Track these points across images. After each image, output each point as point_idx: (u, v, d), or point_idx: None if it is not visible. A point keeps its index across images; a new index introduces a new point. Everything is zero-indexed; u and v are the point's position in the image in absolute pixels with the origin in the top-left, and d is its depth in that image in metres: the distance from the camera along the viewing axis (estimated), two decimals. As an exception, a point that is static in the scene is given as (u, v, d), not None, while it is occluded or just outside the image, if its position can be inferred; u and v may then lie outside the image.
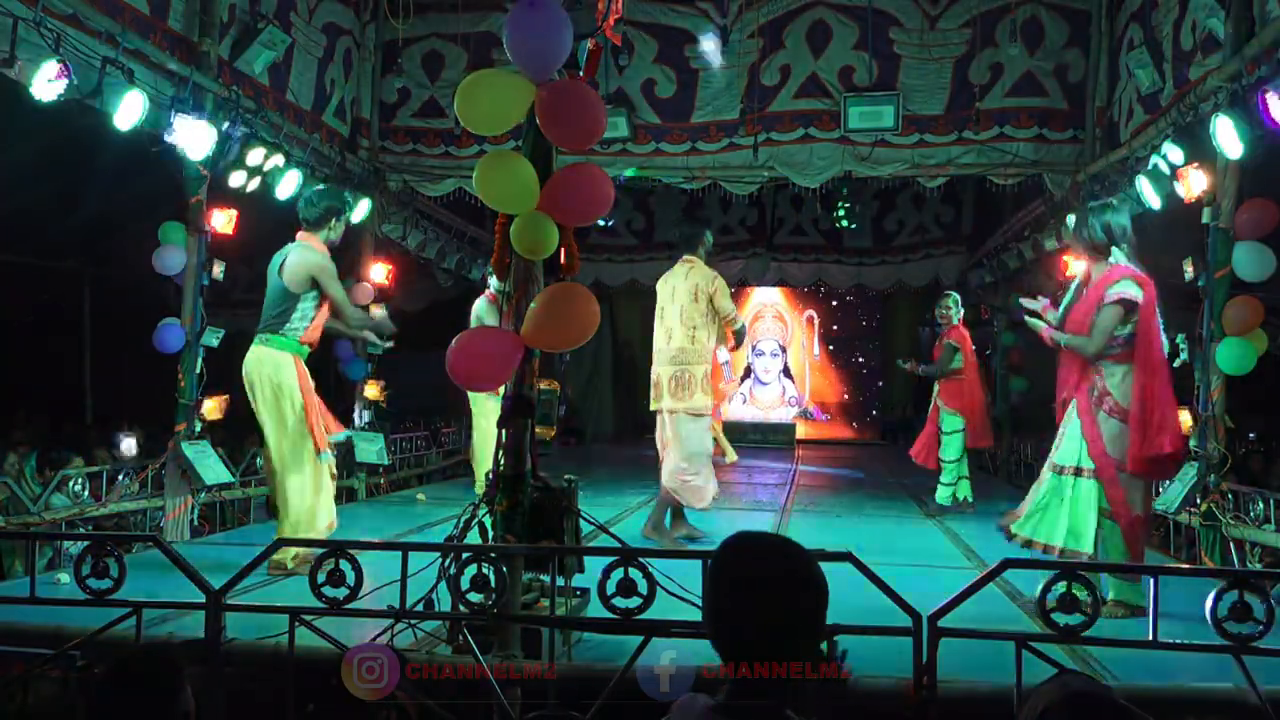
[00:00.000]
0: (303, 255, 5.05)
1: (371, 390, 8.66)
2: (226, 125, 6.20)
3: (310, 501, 5.01)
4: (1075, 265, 4.50)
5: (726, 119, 8.21)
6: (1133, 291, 4.24)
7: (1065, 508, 4.31)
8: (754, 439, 14.76)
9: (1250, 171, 5.45)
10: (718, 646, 1.64)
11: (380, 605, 2.93)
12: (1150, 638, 2.65)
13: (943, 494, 7.74)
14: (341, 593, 2.87)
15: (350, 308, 5.25)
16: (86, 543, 3.05)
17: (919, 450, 7.98)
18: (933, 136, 7.95)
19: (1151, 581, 2.69)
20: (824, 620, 1.64)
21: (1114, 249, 4.40)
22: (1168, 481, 6.18)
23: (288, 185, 6.91)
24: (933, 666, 2.64)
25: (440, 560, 3.08)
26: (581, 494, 3.64)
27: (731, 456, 7.45)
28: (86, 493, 5.97)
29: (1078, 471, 4.31)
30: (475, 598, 2.92)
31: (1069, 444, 4.37)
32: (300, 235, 5.17)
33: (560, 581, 3.30)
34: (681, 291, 5.95)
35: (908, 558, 5.66)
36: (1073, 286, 4.62)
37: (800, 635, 1.59)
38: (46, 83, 4.72)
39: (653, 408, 6.14)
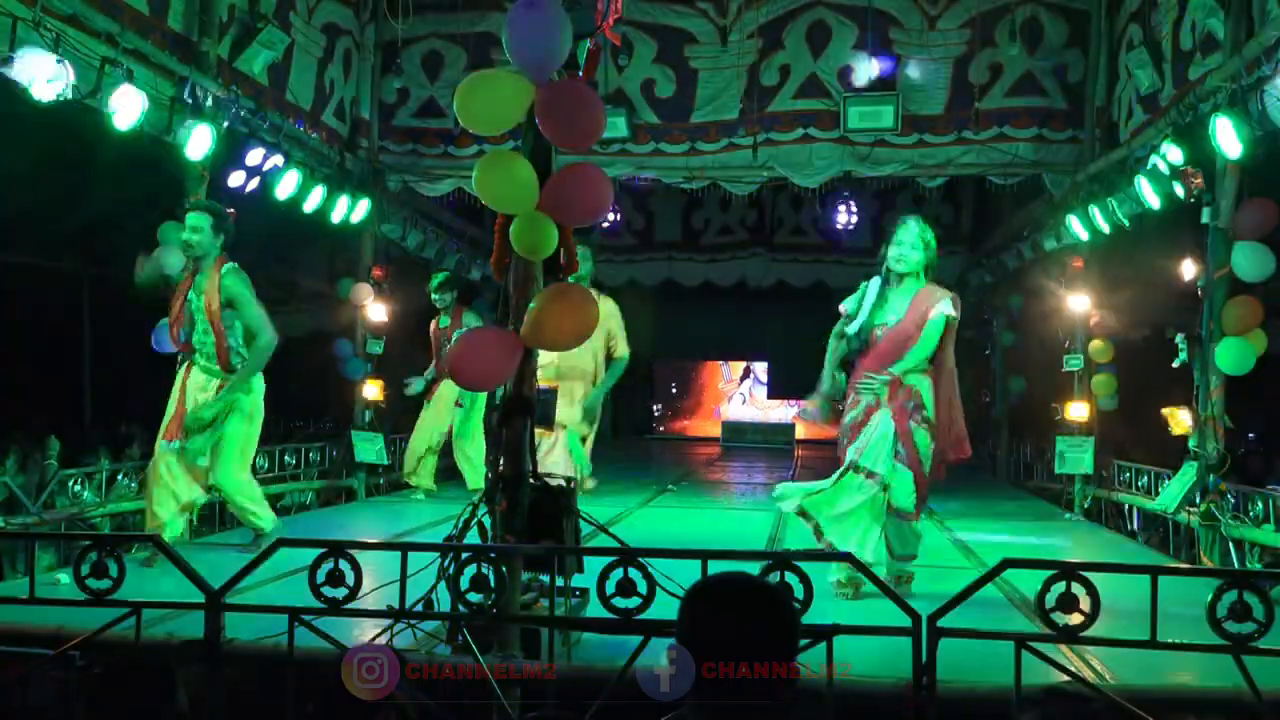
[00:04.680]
0: None
1: (371, 390, 8.67)
2: (226, 125, 6.20)
3: None
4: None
5: (726, 119, 8.20)
6: (954, 310, 4.61)
7: (855, 509, 4.55)
8: (753, 439, 14.76)
9: (1250, 171, 5.45)
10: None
11: (380, 605, 2.94)
12: (1149, 638, 2.65)
13: None
14: (341, 593, 2.87)
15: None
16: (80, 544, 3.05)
17: None
18: (932, 136, 7.95)
19: (1150, 580, 2.69)
20: (795, 640, 1.72)
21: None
22: (1167, 481, 6.20)
23: (287, 185, 6.91)
24: (932, 666, 2.64)
25: (439, 560, 3.08)
26: (580, 494, 3.64)
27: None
28: (87, 492, 5.96)
29: (870, 475, 4.55)
30: (475, 598, 2.92)
31: (876, 449, 4.57)
32: None
33: (560, 581, 3.30)
34: None
35: (907, 558, 5.65)
36: (872, 299, 4.71)
37: (771, 659, 1.65)
38: (46, 83, 4.71)
39: None
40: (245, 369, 5.32)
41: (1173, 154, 5.80)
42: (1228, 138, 5.20)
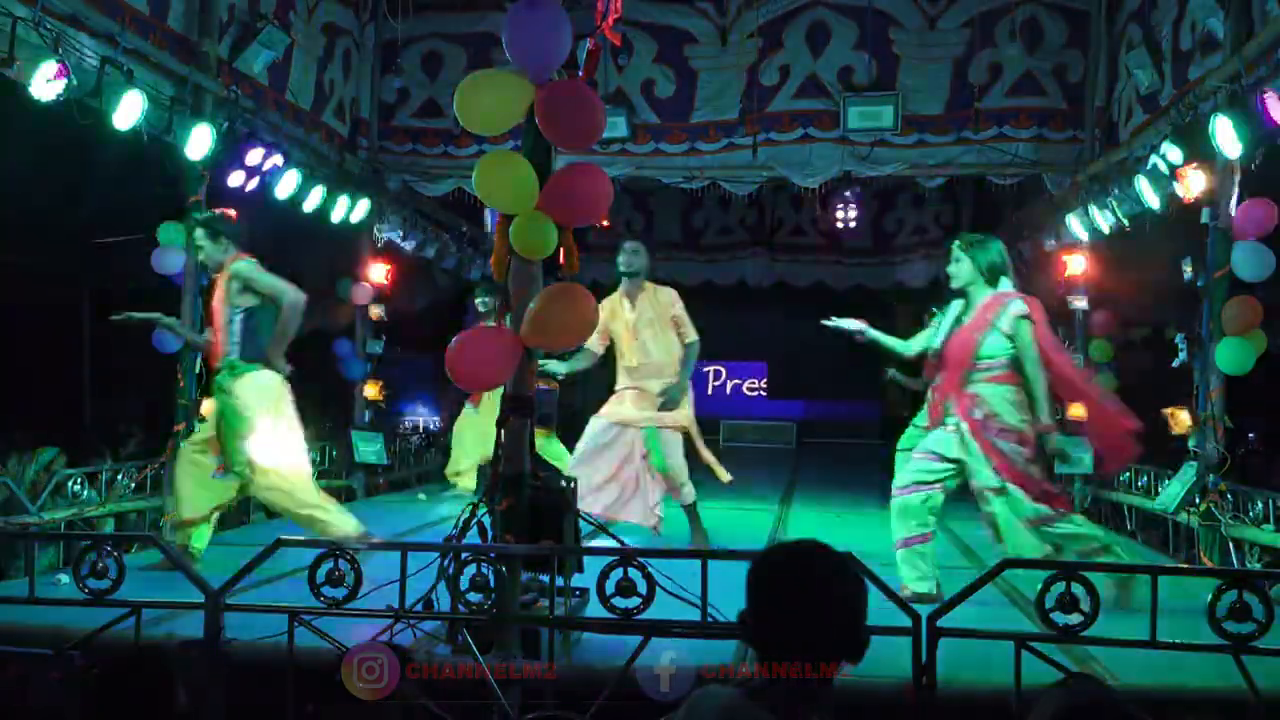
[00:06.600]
0: None
1: (370, 390, 8.67)
2: (226, 125, 6.21)
3: None
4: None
5: (726, 119, 8.20)
6: (1025, 307, 4.51)
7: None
8: (753, 438, 14.75)
9: (1250, 171, 5.45)
10: (757, 646, 1.67)
11: (380, 605, 2.94)
12: (1149, 638, 2.66)
13: None
14: (341, 593, 2.88)
15: None
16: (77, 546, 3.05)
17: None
18: (932, 136, 7.95)
19: (1151, 580, 2.69)
20: (864, 619, 1.68)
21: (1003, 277, 4.64)
22: (1167, 481, 6.20)
23: (287, 185, 6.91)
24: (932, 667, 2.65)
25: (439, 560, 3.09)
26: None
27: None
28: (87, 492, 5.96)
29: (998, 490, 4.44)
30: (475, 598, 2.92)
31: (978, 467, 4.48)
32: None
33: (560, 581, 3.30)
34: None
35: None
36: (949, 315, 4.78)
37: (842, 635, 1.63)
38: (46, 83, 4.72)
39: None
40: (275, 338, 5.06)
41: (1173, 154, 5.80)
42: (1227, 138, 5.20)
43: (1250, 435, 10.06)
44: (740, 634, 1.69)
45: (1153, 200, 6.24)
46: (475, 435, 8.02)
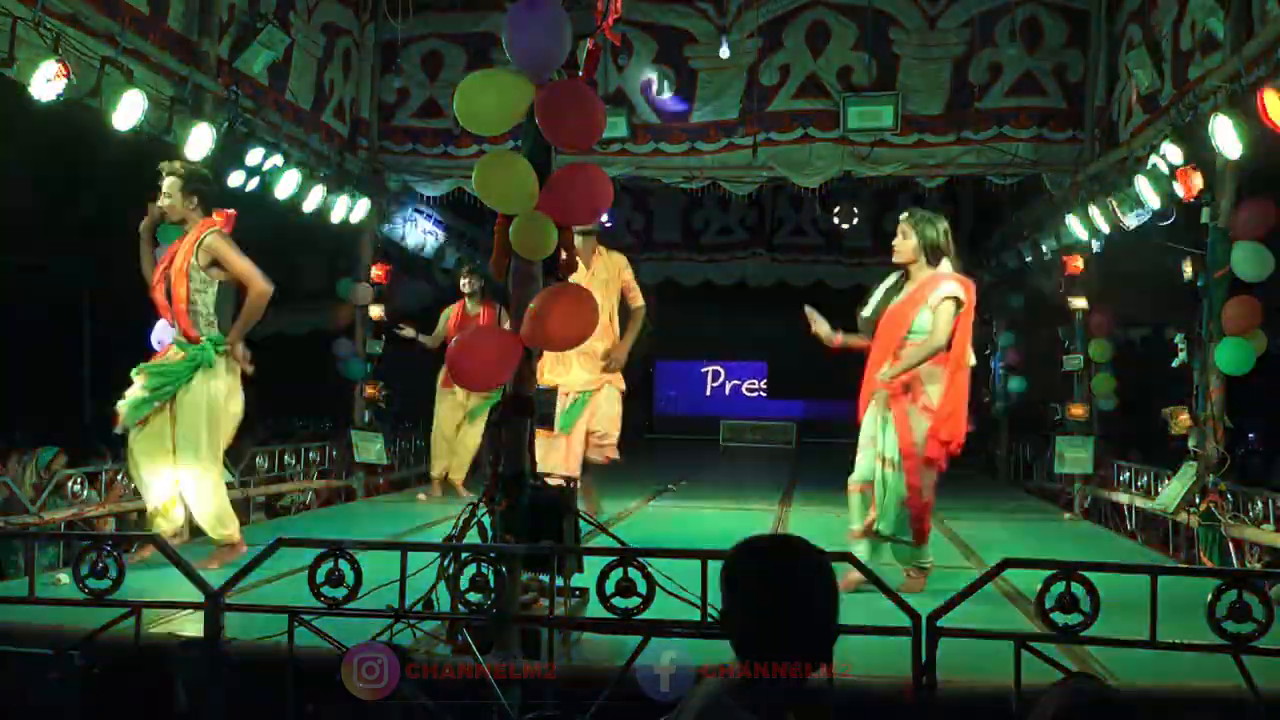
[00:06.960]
0: None
1: (370, 390, 8.68)
2: (225, 125, 6.21)
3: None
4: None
5: (726, 119, 8.20)
6: (959, 290, 4.53)
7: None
8: (753, 439, 14.75)
9: (1249, 171, 5.45)
10: (734, 643, 1.67)
11: (380, 605, 2.94)
12: (1149, 638, 2.66)
13: None
14: (341, 593, 2.88)
15: None
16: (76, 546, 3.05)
17: None
18: (932, 136, 7.95)
19: (1150, 580, 2.69)
20: (836, 615, 1.68)
21: (945, 259, 4.65)
22: (1167, 481, 6.20)
23: (287, 185, 6.92)
24: (932, 666, 2.65)
25: (439, 560, 3.09)
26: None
27: None
28: (86, 492, 5.96)
29: (890, 464, 4.58)
30: (474, 598, 2.92)
31: (887, 437, 4.60)
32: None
33: (560, 581, 3.30)
34: None
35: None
36: (882, 289, 4.88)
37: (815, 631, 1.63)
38: (45, 83, 4.72)
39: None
40: (239, 324, 4.89)
41: (1173, 154, 5.80)
42: (1227, 138, 5.20)
43: (1250, 435, 10.08)
44: (721, 632, 1.69)
45: (1153, 200, 6.24)
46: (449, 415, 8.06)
